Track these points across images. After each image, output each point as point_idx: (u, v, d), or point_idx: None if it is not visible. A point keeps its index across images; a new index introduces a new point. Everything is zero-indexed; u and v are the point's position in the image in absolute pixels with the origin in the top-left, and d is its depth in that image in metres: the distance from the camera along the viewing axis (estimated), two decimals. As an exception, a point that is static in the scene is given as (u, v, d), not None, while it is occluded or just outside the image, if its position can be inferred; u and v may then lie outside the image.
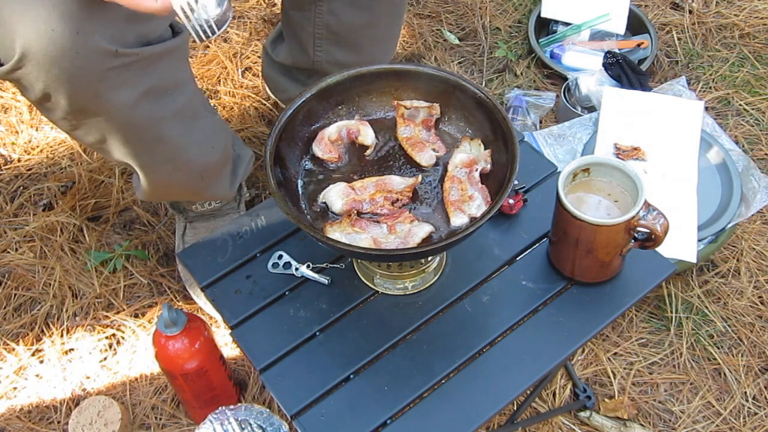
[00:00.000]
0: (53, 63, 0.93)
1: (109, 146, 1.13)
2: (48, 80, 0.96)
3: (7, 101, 1.86)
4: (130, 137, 1.11)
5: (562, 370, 1.40)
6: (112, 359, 1.45)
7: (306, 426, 0.94)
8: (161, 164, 1.20)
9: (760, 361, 1.44)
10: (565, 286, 1.05)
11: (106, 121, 1.06)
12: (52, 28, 0.91)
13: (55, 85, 0.96)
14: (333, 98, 1.03)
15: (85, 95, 1.00)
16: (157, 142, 1.15)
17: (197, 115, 1.21)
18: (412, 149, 1.02)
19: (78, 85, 0.97)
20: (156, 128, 1.12)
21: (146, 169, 1.20)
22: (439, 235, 0.95)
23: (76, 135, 1.11)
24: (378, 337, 1.01)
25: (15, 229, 1.64)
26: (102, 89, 0.99)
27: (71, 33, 0.91)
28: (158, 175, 1.22)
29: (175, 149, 1.18)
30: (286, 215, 0.89)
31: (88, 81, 0.97)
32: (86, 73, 0.96)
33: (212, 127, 1.26)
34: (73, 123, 1.06)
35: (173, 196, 1.39)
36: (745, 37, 1.99)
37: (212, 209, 1.46)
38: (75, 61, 0.94)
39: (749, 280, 1.54)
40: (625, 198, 0.99)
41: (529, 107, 1.79)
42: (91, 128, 1.08)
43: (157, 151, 1.17)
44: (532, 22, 1.97)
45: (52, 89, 0.97)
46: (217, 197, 1.42)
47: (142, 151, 1.15)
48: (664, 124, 1.61)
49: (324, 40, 1.43)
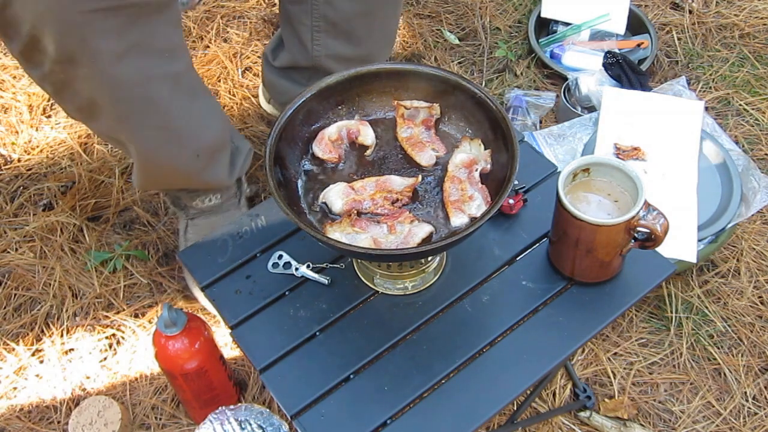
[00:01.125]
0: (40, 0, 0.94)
1: (99, 110, 1.12)
2: (35, 19, 0.96)
3: (7, 101, 1.86)
4: (120, 95, 1.10)
5: (562, 370, 1.40)
6: (112, 359, 1.45)
7: (306, 426, 0.95)
8: (153, 134, 1.19)
9: (760, 361, 1.44)
10: (565, 286, 1.05)
11: (95, 73, 1.05)
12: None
13: (41, 24, 0.96)
14: (333, 98, 1.03)
15: (71, 39, 0.99)
16: (147, 105, 1.14)
17: (195, 92, 1.21)
18: (412, 149, 1.02)
19: (65, 26, 0.97)
20: (146, 88, 1.12)
21: (138, 141, 1.19)
22: (439, 235, 0.95)
23: (65, 98, 1.10)
24: (378, 337, 1.01)
25: (15, 229, 1.64)
26: (88, 33, 0.99)
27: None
28: (151, 149, 1.21)
29: (167, 118, 1.18)
30: (286, 215, 0.89)
31: (74, 21, 0.97)
32: (72, 13, 0.96)
33: (209, 108, 1.27)
34: (61, 77, 1.06)
35: (169, 180, 1.37)
36: (745, 37, 1.99)
37: (213, 205, 1.46)
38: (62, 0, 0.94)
39: (749, 280, 1.54)
40: (625, 198, 0.99)
41: (529, 107, 1.79)
42: (79, 84, 1.07)
43: (147, 117, 1.16)
44: (532, 22, 1.97)
45: (38, 30, 0.97)
46: (213, 185, 1.41)
47: (132, 115, 1.14)
48: (664, 124, 1.61)
49: (322, 32, 1.43)
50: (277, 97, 1.72)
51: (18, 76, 1.91)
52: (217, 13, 2.03)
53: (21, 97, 1.86)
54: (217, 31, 1.99)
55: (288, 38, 1.52)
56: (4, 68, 1.93)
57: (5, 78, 1.91)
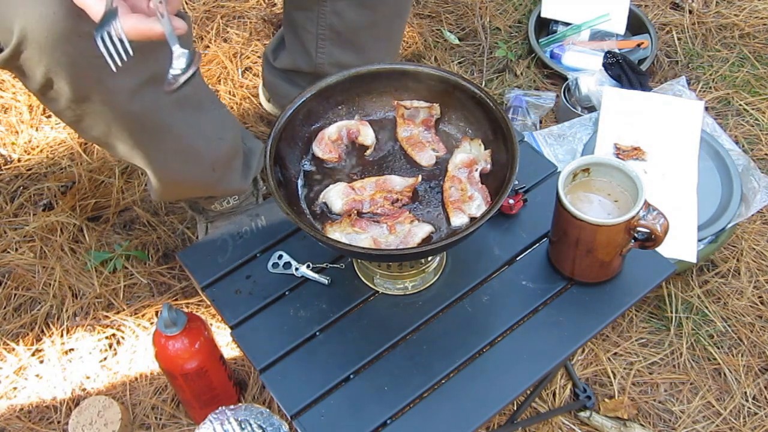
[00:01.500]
0: (55, 46, 0.94)
1: (114, 139, 1.12)
2: (50, 64, 0.96)
3: (7, 101, 1.86)
4: (134, 126, 1.11)
5: (562, 370, 1.40)
6: (112, 359, 1.45)
7: (306, 426, 0.94)
8: (169, 157, 1.20)
9: (760, 361, 1.44)
10: (565, 286, 1.05)
11: (109, 109, 1.06)
12: (54, 11, 0.92)
13: (56, 69, 0.97)
14: (333, 98, 1.03)
15: (86, 81, 1.00)
16: (161, 132, 1.14)
17: (202, 105, 1.21)
18: (412, 149, 1.02)
19: (80, 69, 0.98)
20: (158, 117, 1.12)
21: (154, 164, 1.19)
22: (439, 235, 0.95)
23: (82, 128, 1.10)
24: (378, 337, 1.01)
25: (15, 229, 1.64)
26: (104, 75, 0.99)
27: (73, 16, 0.92)
28: (167, 170, 1.22)
29: (180, 140, 1.18)
30: (286, 215, 0.89)
31: (90, 65, 0.97)
32: (88, 57, 0.96)
33: (220, 118, 1.26)
34: (77, 113, 1.06)
35: (187, 192, 1.38)
36: (745, 37, 1.99)
37: (231, 207, 1.46)
38: (77, 44, 0.94)
39: (749, 280, 1.54)
40: (625, 198, 0.99)
41: (529, 107, 1.79)
42: (95, 119, 1.08)
43: (162, 143, 1.16)
44: (532, 22, 1.97)
45: (53, 74, 0.98)
46: (231, 191, 1.41)
47: (147, 142, 1.15)
48: (664, 124, 1.61)
49: (327, 41, 1.43)
50: (277, 99, 1.72)
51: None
52: (217, 13, 2.03)
53: (21, 97, 1.86)
54: (217, 31, 1.99)
55: (291, 43, 1.52)
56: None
57: (5, 78, 1.91)
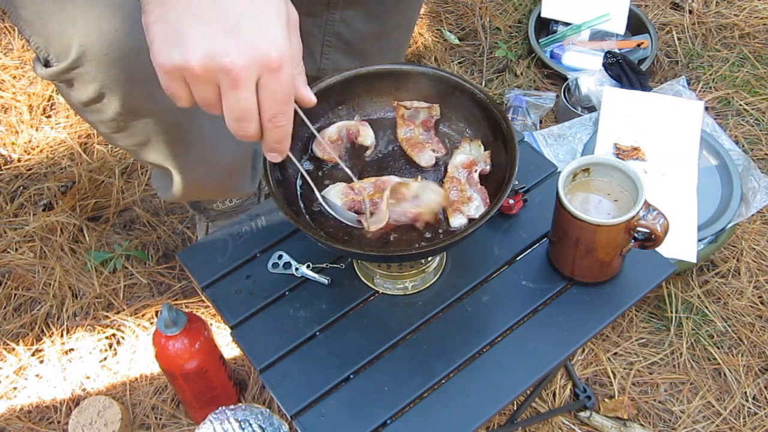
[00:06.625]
0: (114, 63, 0.93)
1: (149, 148, 1.12)
2: (106, 80, 0.95)
3: (7, 101, 1.86)
4: (173, 137, 1.11)
5: (562, 370, 1.40)
6: (112, 359, 1.45)
7: (306, 426, 0.94)
8: (197, 164, 1.20)
9: (760, 361, 1.44)
10: (565, 286, 1.05)
11: (155, 122, 1.05)
12: (116, 28, 0.90)
13: (112, 85, 0.96)
14: (333, 98, 1.03)
15: (139, 96, 0.99)
16: (195, 140, 1.15)
17: None
18: (411, 150, 1.02)
19: (134, 85, 0.97)
20: (196, 128, 1.12)
21: (182, 169, 1.19)
22: (439, 235, 0.95)
23: (116, 137, 1.09)
24: (378, 337, 1.01)
25: (15, 229, 1.64)
26: (155, 89, 0.99)
27: (135, 34, 0.91)
28: (192, 175, 1.22)
29: (209, 148, 1.19)
30: (285, 216, 0.89)
31: (145, 79, 0.96)
32: (145, 75, 0.95)
33: None
34: (120, 125, 1.05)
35: (202, 195, 1.39)
36: (745, 37, 1.99)
37: (233, 206, 1.46)
38: (136, 62, 0.93)
39: (749, 280, 1.54)
40: (625, 198, 0.99)
41: (529, 107, 1.79)
42: (136, 130, 1.07)
43: (193, 151, 1.17)
44: (532, 22, 1.97)
45: (107, 89, 0.97)
46: (241, 194, 1.42)
47: (181, 151, 1.15)
48: (664, 124, 1.61)
49: (333, 48, 1.43)
50: None
51: (18, 76, 1.91)
52: (217, 13, 2.03)
53: (21, 97, 1.86)
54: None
55: None
56: (4, 68, 1.93)
57: (5, 78, 1.91)
